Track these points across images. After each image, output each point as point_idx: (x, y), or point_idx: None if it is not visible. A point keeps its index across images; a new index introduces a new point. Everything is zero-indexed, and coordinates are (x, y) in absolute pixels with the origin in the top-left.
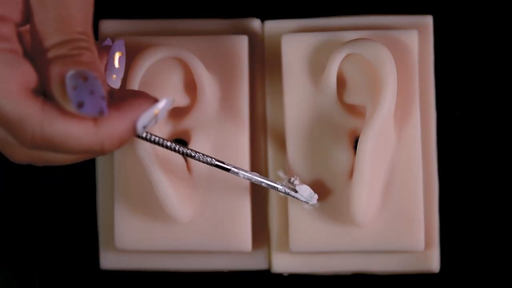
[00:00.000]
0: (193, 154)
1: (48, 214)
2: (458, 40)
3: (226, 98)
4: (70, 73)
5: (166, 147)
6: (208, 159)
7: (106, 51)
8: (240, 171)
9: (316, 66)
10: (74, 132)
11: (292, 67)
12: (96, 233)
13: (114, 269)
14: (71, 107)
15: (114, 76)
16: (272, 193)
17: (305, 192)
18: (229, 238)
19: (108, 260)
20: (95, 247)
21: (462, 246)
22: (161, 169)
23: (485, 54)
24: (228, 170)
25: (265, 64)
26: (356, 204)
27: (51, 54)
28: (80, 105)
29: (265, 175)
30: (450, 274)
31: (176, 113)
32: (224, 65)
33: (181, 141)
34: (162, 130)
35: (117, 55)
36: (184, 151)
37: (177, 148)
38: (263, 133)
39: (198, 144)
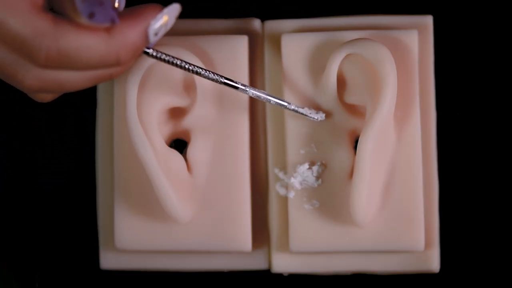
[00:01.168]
0: (201, 72)
1: (48, 214)
2: (458, 40)
3: (226, 98)
4: None
5: (176, 65)
6: (216, 76)
7: None
8: (249, 89)
9: (316, 66)
10: (88, 42)
11: (292, 67)
12: (96, 233)
13: (114, 269)
14: (82, 19)
15: (117, 4)
16: (272, 193)
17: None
18: (229, 238)
19: (108, 260)
20: (95, 247)
21: (462, 246)
22: (161, 169)
23: (485, 54)
24: (236, 88)
25: (265, 64)
26: (356, 204)
27: None
28: (91, 15)
29: (265, 174)
30: (450, 274)
31: (176, 113)
32: (224, 65)
33: (181, 141)
34: (162, 130)
35: None
36: (192, 68)
37: (186, 66)
38: (263, 133)
39: (198, 144)
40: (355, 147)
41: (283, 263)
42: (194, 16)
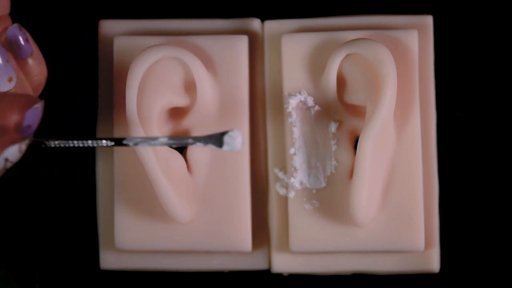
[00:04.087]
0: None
1: (48, 214)
2: (458, 40)
3: (226, 98)
4: None
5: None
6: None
7: None
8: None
9: (316, 66)
10: None
11: (292, 67)
12: (96, 233)
13: (114, 269)
14: None
15: None
16: (272, 193)
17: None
18: (229, 238)
19: (108, 260)
20: (95, 247)
21: (462, 246)
22: (161, 169)
23: (485, 54)
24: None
25: (265, 64)
26: (356, 204)
27: None
28: None
29: (265, 175)
30: (450, 274)
31: (176, 113)
32: (224, 65)
33: None
34: (162, 130)
35: None
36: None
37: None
38: (263, 133)
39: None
40: (355, 147)
41: (283, 263)
42: (194, 16)
